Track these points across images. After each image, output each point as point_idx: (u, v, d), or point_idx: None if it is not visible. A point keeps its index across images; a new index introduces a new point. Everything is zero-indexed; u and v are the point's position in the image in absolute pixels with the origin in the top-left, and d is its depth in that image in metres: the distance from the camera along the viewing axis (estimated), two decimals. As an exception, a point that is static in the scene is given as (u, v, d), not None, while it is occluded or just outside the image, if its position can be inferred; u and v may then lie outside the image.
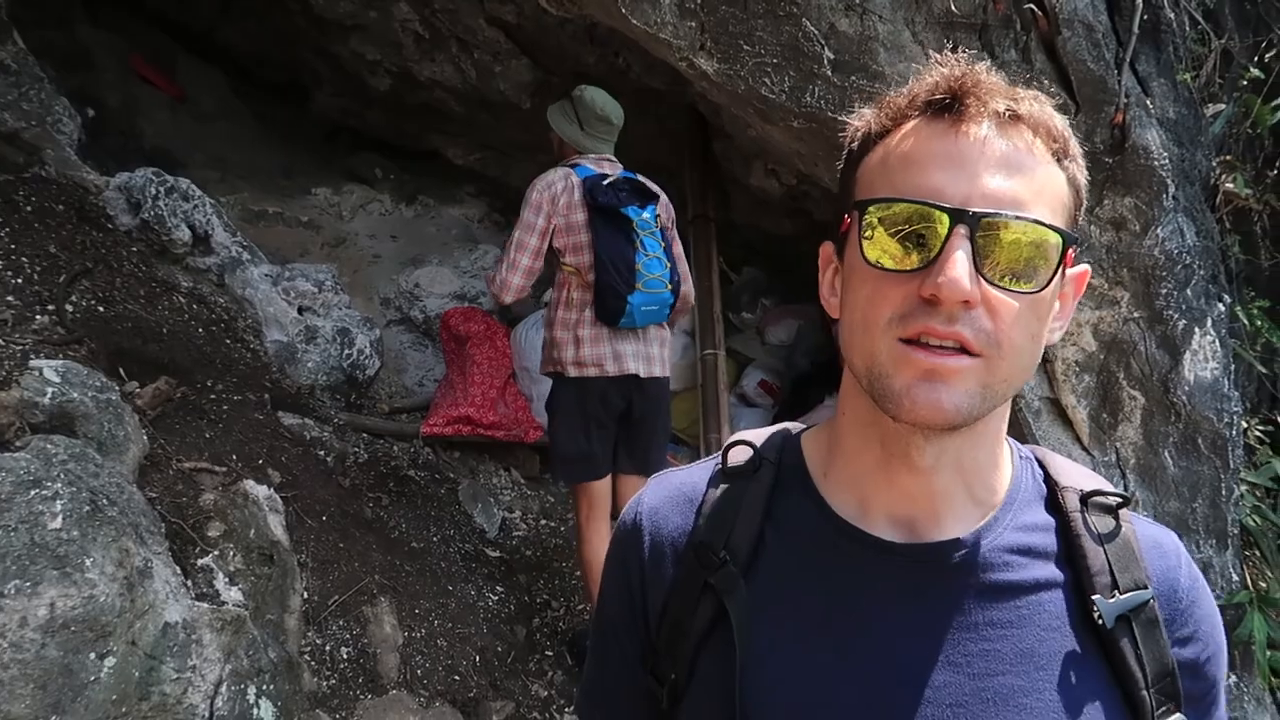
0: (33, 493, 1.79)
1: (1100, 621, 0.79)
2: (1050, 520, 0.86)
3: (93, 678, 1.84)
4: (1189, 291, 2.99)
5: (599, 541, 3.22)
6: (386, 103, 5.27)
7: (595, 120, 3.47)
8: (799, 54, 3.00)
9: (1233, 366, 3.08)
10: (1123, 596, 0.80)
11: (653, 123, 4.52)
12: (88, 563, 1.84)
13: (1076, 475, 0.90)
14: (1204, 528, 3.12)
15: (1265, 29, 4.05)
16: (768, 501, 0.89)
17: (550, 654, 3.36)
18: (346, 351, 3.98)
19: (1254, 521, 3.57)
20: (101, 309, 3.16)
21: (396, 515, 3.47)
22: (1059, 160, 0.79)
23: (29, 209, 3.36)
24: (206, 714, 2.16)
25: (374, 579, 3.00)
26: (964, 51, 0.83)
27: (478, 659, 3.06)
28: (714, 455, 0.97)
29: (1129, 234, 2.94)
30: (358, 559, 3.03)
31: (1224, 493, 3.09)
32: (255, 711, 2.30)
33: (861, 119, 0.85)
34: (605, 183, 3.29)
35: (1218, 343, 3.03)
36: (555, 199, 3.28)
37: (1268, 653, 3.18)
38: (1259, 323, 3.74)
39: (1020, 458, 0.90)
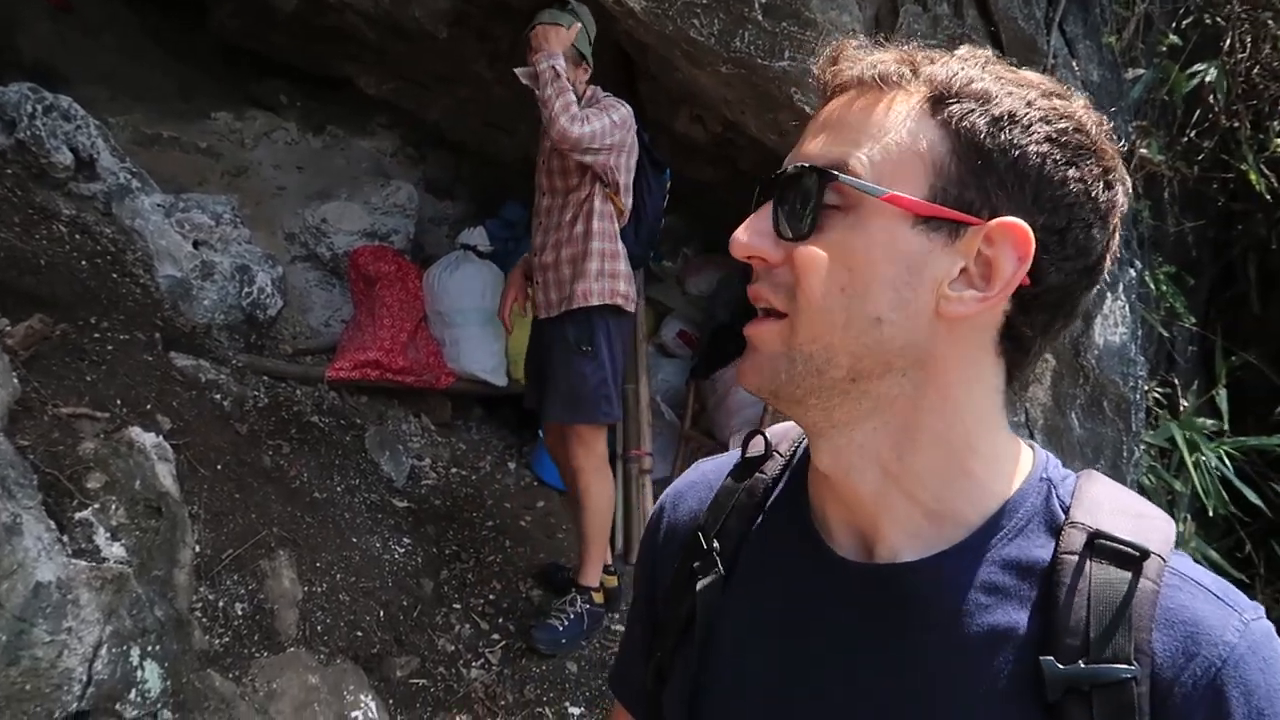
0: (-124, 445, 1.62)
1: (1047, 691, 0.64)
2: (1043, 560, 0.70)
3: (-49, 645, 1.70)
4: (1104, 256, 3.03)
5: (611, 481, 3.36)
6: (292, 26, 4.94)
7: (590, 47, 3.29)
8: (729, -5, 2.89)
9: (1139, 331, 3.15)
10: (1087, 666, 0.64)
11: (576, 60, 4.35)
12: (-57, 521, 1.67)
13: (1106, 509, 0.71)
14: (1104, 487, 3.21)
15: (1185, -4, 4.10)
16: (763, 498, 0.86)
17: (458, 607, 3.29)
18: (246, 290, 3.77)
19: (1149, 481, 3.70)
20: (-31, 237, 2.90)
21: (298, 464, 3.31)
22: (935, 106, 0.71)
23: (-115, 123, 3.06)
24: (84, 678, 2.03)
25: (272, 531, 2.87)
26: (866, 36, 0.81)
27: (381, 614, 2.97)
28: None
29: (1050, 197, 2.95)
30: (255, 510, 2.88)
31: (1125, 454, 3.18)
32: (139, 673, 2.17)
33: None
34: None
35: (1127, 308, 3.09)
36: (633, 133, 3.21)
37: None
38: (1164, 287, 3.84)
39: (1041, 478, 0.75)
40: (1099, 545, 0.68)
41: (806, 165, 0.71)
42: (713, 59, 3.03)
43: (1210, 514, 3.55)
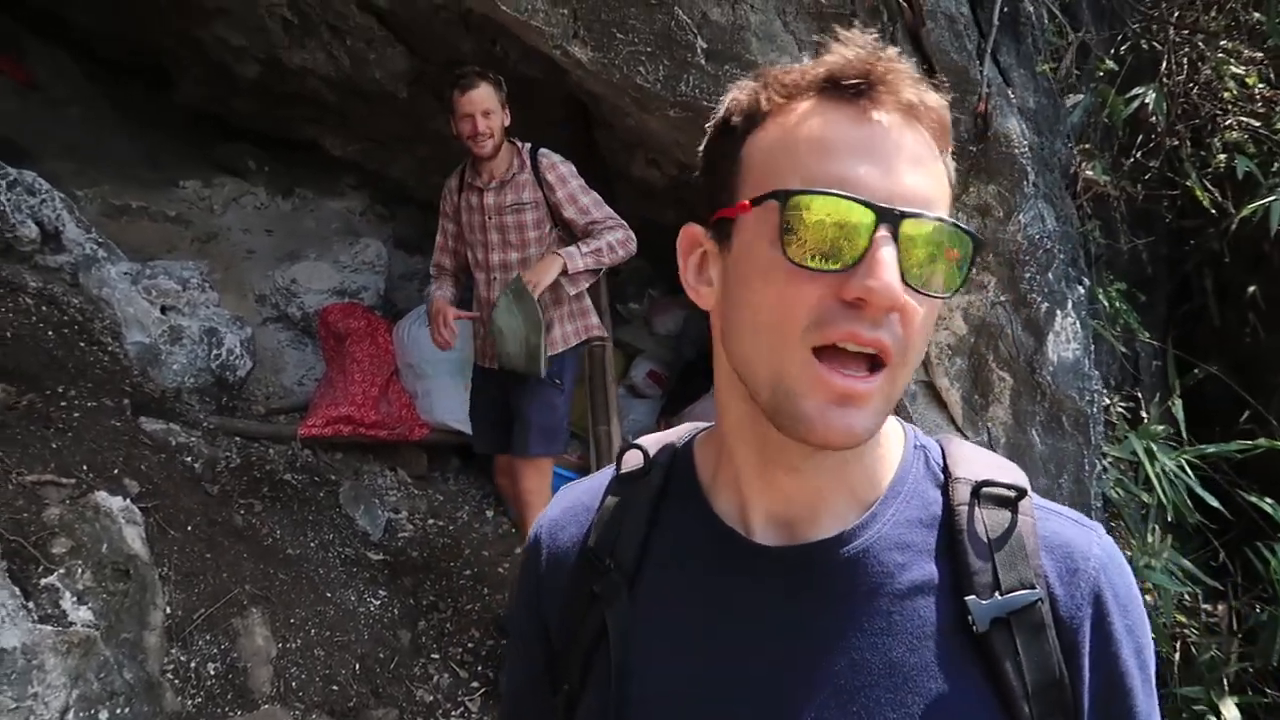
0: None
1: (973, 624, 0.73)
2: (937, 514, 0.79)
3: (-88, 715, 1.70)
4: (1050, 275, 3.10)
5: None
6: (255, 91, 5.04)
7: None
8: (672, 43, 2.99)
9: (1093, 347, 3.22)
10: (1002, 597, 0.73)
11: (534, 111, 4.45)
12: (-98, 590, 1.69)
13: (978, 464, 0.82)
14: (1070, 503, 3.25)
15: (1120, 23, 4.24)
16: (654, 507, 0.86)
17: (436, 657, 3.28)
18: (215, 352, 3.80)
19: (1117, 494, 3.74)
20: (-66, 313, 2.94)
21: (270, 522, 3.33)
22: (944, 156, 0.76)
23: None
24: (52, 744, 2.02)
25: (244, 589, 2.87)
26: (867, 33, 0.77)
27: (358, 667, 2.96)
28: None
29: (994, 220, 3.03)
30: (226, 569, 2.89)
31: (1086, 468, 3.22)
32: (109, 737, 2.17)
33: (743, 90, 0.78)
34: None
35: (1078, 324, 3.16)
36: None
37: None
38: (1118, 305, 3.92)
39: (915, 446, 0.84)
40: (985, 493, 0.78)
41: (963, 229, 0.71)
42: (660, 104, 3.12)
43: (1176, 524, 3.60)
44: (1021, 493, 0.79)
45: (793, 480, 0.78)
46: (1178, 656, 3.75)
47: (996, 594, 0.74)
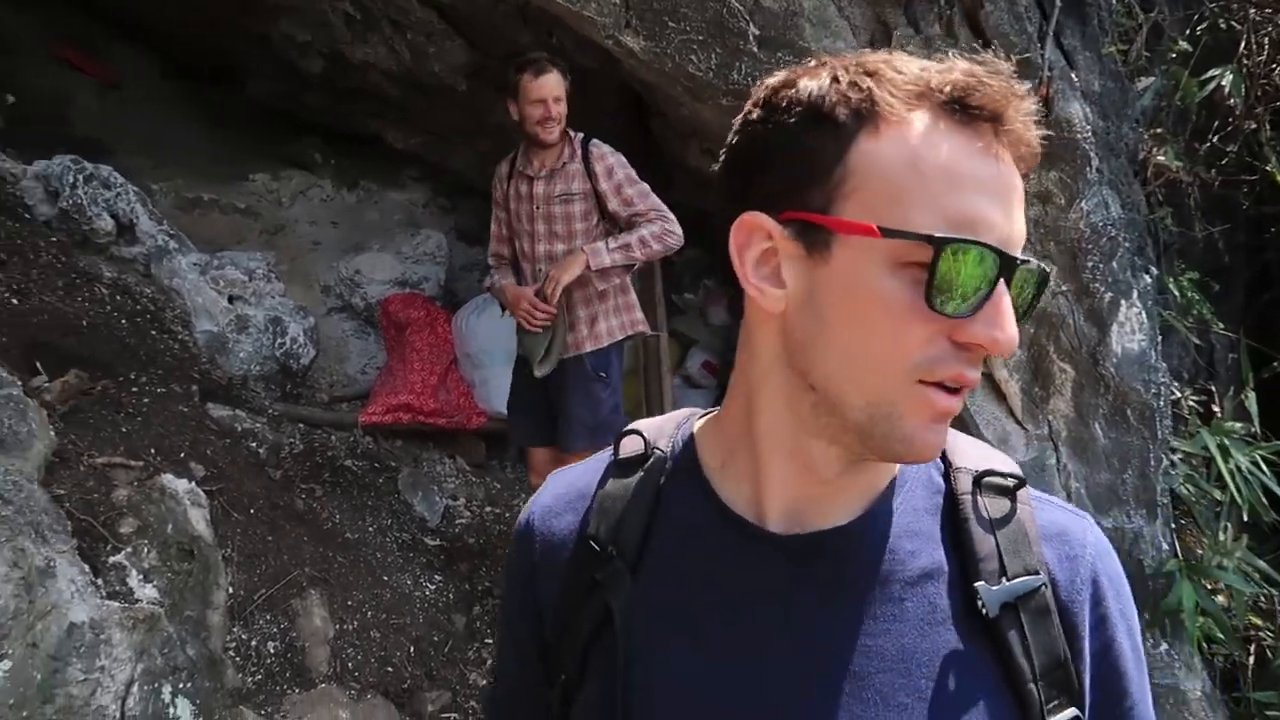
0: (-87, 494, 1.73)
1: (984, 610, 0.74)
2: (940, 503, 0.80)
3: (-14, 682, 1.79)
4: (1115, 264, 3.01)
5: None
6: (322, 86, 5.16)
7: None
8: (724, 30, 2.97)
9: (1160, 338, 3.11)
10: (1010, 583, 0.75)
11: (589, 101, 4.47)
12: (-24, 564, 1.78)
13: (975, 454, 0.84)
14: (1134, 498, 3.16)
15: (1195, 3, 4.08)
16: (657, 493, 0.85)
17: (490, 642, 3.33)
18: (279, 340, 3.91)
19: (1187, 490, 3.62)
20: (15, 301, 3.07)
21: (330, 506, 3.41)
22: None
23: (-62, 200, 3.26)
24: (117, 714, 2.11)
25: (304, 571, 2.95)
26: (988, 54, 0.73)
27: (412, 649, 3.03)
28: (610, 448, 0.92)
29: (1055, 207, 2.95)
30: (287, 552, 2.97)
31: (1153, 463, 3.13)
32: (171, 710, 2.25)
33: (843, 80, 0.71)
34: None
35: (1144, 314, 3.06)
36: None
37: (1198, 620, 3.23)
38: (1190, 294, 3.79)
39: None
40: (986, 482, 0.80)
41: (1043, 266, 0.72)
42: (712, 92, 3.11)
43: (1251, 523, 3.47)
44: (1020, 482, 0.81)
45: (821, 487, 0.79)
46: (1252, 660, 3.62)
47: (1004, 580, 0.76)
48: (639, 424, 0.92)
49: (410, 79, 4.70)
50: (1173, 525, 3.34)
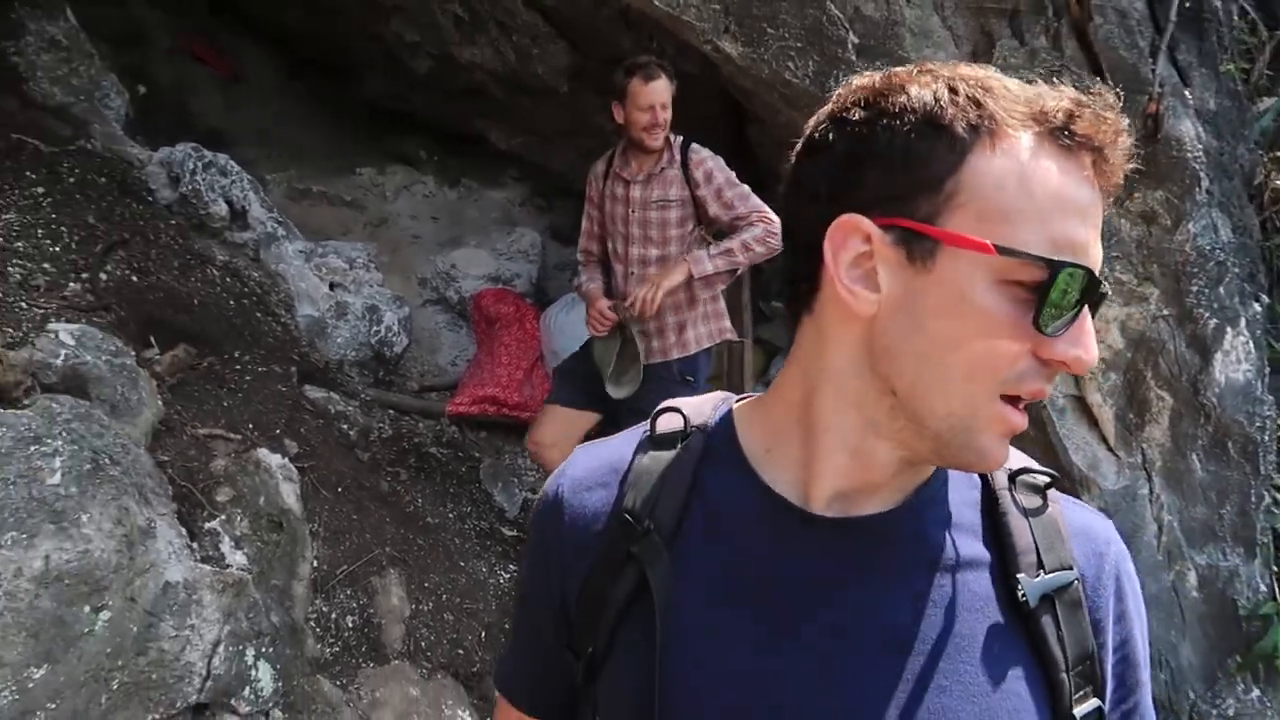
0: (33, 448, 1.86)
1: (1024, 600, 0.78)
2: (978, 497, 0.84)
3: (86, 630, 1.91)
4: (1221, 289, 2.88)
5: None
6: (430, 86, 5.34)
7: None
8: (823, 38, 2.97)
9: (1267, 369, 2.97)
10: (1047, 576, 0.79)
11: (685, 109, 4.49)
12: (84, 518, 1.90)
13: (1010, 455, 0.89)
14: (1231, 535, 3.02)
15: (1327, 20, 3.88)
16: (695, 471, 0.85)
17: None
18: (374, 328, 4.05)
19: (1291, 531, 3.44)
20: (135, 279, 3.25)
21: (414, 490, 3.52)
22: None
23: (71, 180, 3.48)
24: (204, 672, 2.22)
25: (384, 551, 3.05)
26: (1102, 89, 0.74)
27: (484, 634, 3.10)
28: (642, 424, 0.93)
29: (1159, 228, 2.85)
30: (370, 531, 3.08)
31: (1253, 499, 2.98)
32: (253, 673, 2.36)
33: (959, 93, 0.71)
34: None
35: (1251, 344, 2.93)
36: None
37: (1296, 667, 3.07)
38: (1305, 325, 3.60)
39: None
40: (1020, 480, 0.84)
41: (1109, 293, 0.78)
42: (809, 100, 3.10)
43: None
44: (1051, 480, 0.85)
45: (872, 479, 0.80)
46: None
47: (1041, 573, 0.79)
48: (676, 402, 0.92)
49: (514, 80, 4.82)
50: (1273, 566, 3.17)
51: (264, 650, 2.40)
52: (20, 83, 3.73)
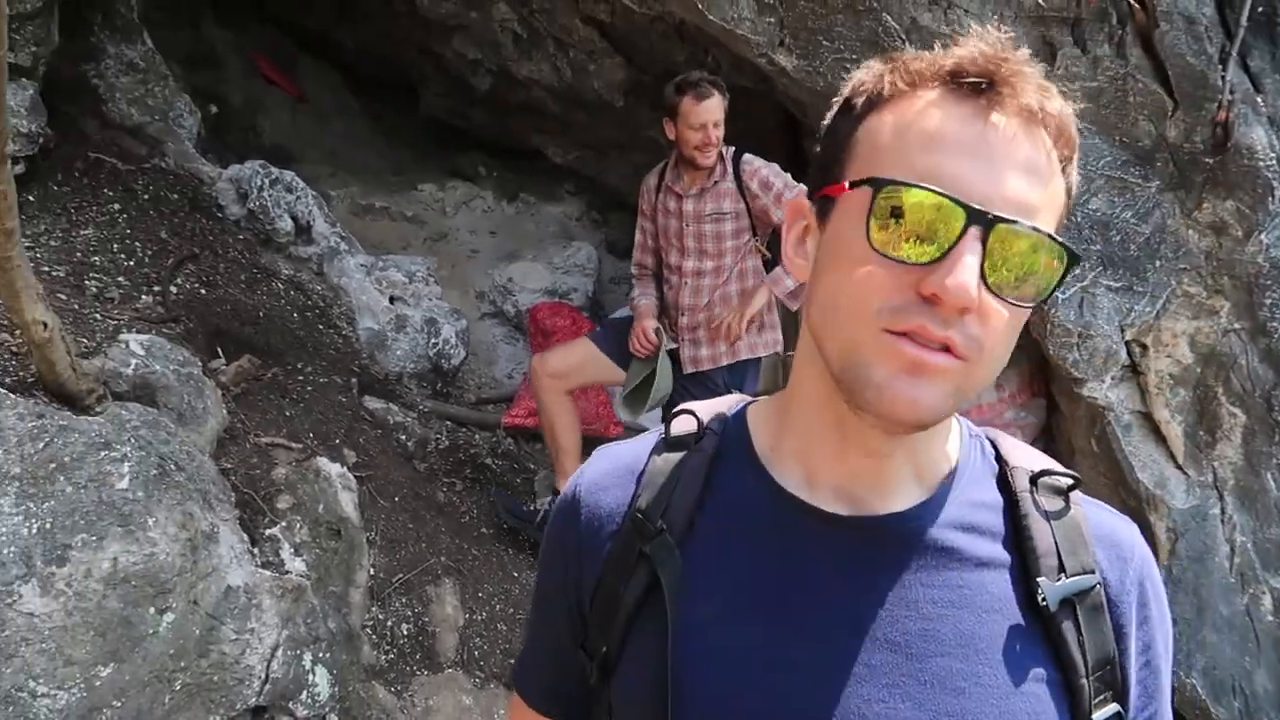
0: (102, 454, 1.93)
1: (1044, 604, 0.76)
2: (998, 499, 0.82)
3: (151, 631, 1.97)
4: (1297, 302, 2.78)
5: None
6: (488, 102, 5.43)
7: None
8: (879, 49, 2.94)
9: (1347, 386, 2.85)
10: (1068, 580, 0.78)
11: (742, 123, 4.49)
12: (150, 522, 1.96)
13: (1027, 456, 0.86)
14: (1309, 558, 2.90)
15: None
16: (708, 471, 0.85)
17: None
18: (433, 340, 4.11)
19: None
20: (204, 291, 3.36)
21: (469, 501, 3.56)
22: (1065, 167, 0.74)
23: (146, 197, 3.61)
24: (263, 675, 2.27)
25: (440, 560, 3.09)
26: (1006, 32, 0.75)
27: (536, 645, 3.11)
28: (658, 428, 0.94)
29: (1230, 239, 2.76)
30: (426, 540, 3.12)
31: (1333, 522, 2.86)
32: (310, 677, 2.40)
33: (870, 72, 0.78)
34: None
35: (1330, 359, 2.82)
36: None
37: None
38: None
39: (970, 435, 0.87)
40: (1042, 482, 0.83)
41: (1058, 240, 0.70)
42: (864, 112, 3.08)
43: None
44: (1075, 483, 0.84)
45: (868, 464, 0.79)
46: None
47: (1062, 576, 0.78)
48: (691, 404, 0.92)
49: (570, 95, 4.87)
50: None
51: (321, 655, 2.45)
52: (100, 104, 3.87)
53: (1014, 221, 0.68)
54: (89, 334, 2.53)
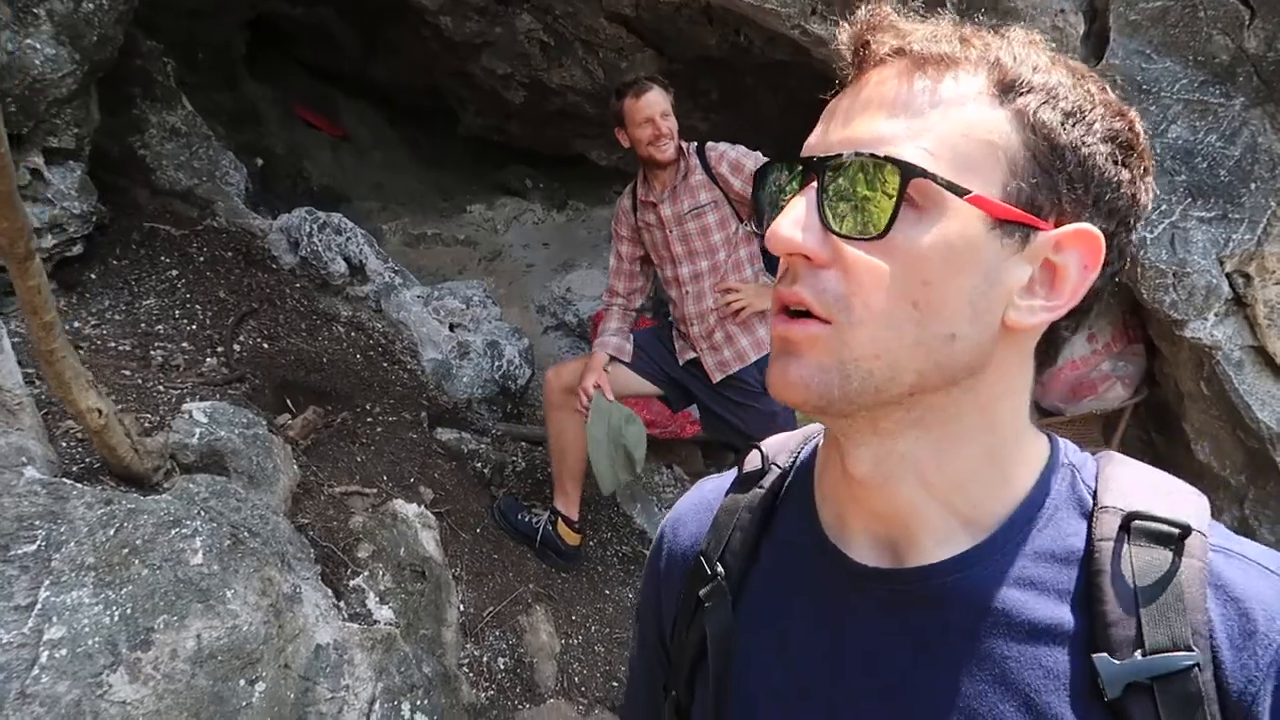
0: (173, 531, 1.91)
1: (1102, 688, 0.59)
2: (1078, 549, 0.66)
3: (244, 703, 1.94)
4: None
5: None
6: (525, 114, 5.38)
7: None
8: (912, 8, 2.78)
9: None
10: (1146, 658, 0.59)
11: (784, 96, 4.35)
12: (229, 594, 1.94)
13: (1139, 491, 0.66)
14: None
15: None
16: (765, 513, 0.80)
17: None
18: (497, 363, 4.07)
19: None
20: (266, 345, 3.37)
21: (553, 522, 3.50)
22: (1002, 96, 0.63)
23: (201, 259, 3.65)
24: (363, 730, 2.24)
25: (528, 588, 3.04)
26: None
27: (637, 663, 3.04)
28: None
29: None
30: (512, 569, 3.08)
31: None
32: (411, 726, 2.37)
33: (842, 58, 0.75)
34: None
35: None
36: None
37: None
38: None
39: (1063, 462, 0.70)
40: (1136, 527, 0.63)
41: (880, 155, 0.61)
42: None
43: None
44: (1186, 530, 0.62)
45: (870, 494, 0.70)
46: None
47: (1138, 653, 0.59)
48: (768, 439, 0.87)
49: (606, 95, 4.76)
50: None
51: (419, 702, 2.41)
52: (148, 173, 3.94)
53: (835, 156, 0.62)
54: (151, 408, 2.54)
